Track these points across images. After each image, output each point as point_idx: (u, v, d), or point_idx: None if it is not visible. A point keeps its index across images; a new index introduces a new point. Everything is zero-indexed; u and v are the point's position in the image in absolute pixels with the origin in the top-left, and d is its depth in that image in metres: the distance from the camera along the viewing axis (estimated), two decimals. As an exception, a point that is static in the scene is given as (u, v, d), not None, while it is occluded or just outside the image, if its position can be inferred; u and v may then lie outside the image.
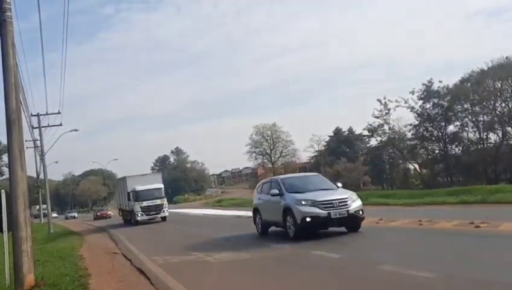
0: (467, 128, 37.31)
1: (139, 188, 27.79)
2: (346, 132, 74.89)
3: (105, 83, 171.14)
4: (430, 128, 37.86)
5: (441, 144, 37.73)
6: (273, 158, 67.95)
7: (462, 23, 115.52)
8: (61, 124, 34.71)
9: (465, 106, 36.58)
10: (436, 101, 36.85)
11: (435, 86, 37.01)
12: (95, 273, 9.91)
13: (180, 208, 51.69)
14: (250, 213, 16.97)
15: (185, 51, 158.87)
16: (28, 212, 8.83)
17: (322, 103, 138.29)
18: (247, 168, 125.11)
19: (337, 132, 75.34)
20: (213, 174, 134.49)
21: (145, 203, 27.28)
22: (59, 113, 34.24)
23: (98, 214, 53.31)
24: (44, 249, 17.25)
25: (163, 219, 28.41)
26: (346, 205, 11.05)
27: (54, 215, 73.93)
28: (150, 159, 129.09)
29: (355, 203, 11.27)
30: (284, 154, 66.70)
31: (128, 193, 28.10)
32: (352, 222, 11.30)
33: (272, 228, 13.39)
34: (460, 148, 37.54)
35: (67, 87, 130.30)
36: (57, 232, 29.98)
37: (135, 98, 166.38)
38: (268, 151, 68.19)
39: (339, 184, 13.16)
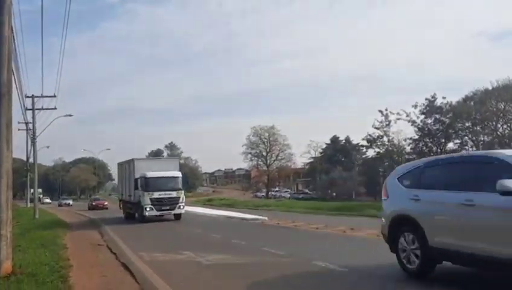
0: (466, 147, 36.94)
1: (150, 174, 22.32)
2: (343, 141, 74.77)
3: (104, 72, 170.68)
4: (430, 144, 37.50)
5: (439, 161, 37.25)
6: (268, 161, 67.28)
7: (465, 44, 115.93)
8: (55, 108, 33.94)
9: (467, 124, 36.25)
10: (438, 117, 36.50)
11: (438, 102, 36.71)
12: (77, 265, 9.29)
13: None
14: (242, 214, 16.44)
15: (187, 47, 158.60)
16: (11, 193, 8.24)
17: (321, 110, 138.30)
18: (240, 169, 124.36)
19: (334, 140, 75.08)
20: (205, 173, 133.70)
21: (156, 195, 22.06)
22: (54, 96, 33.37)
23: (93, 203, 46.26)
24: (27, 235, 16.61)
25: (177, 217, 23.03)
26: None
27: (47, 200, 72.52)
28: (143, 152, 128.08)
29: None
30: (279, 157, 66.10)
31: (136, 180, 22.95)
32: None
33: None
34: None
35: (66, 74, 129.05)
36: (43, 220, 26.58)
37: (133, 90, 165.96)
38: (264, 154, 67.53)
39: None
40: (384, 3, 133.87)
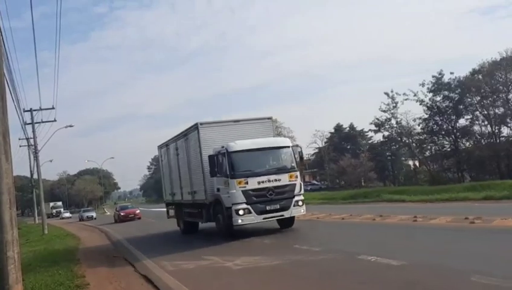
0: (477, 122, 36.00)
1: (239, 145, 12.71)
2: (347, 128, 73.78)
3: (99, 81, 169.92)
4: (440, 122, 36.47)
5: (451, 138, 36.35)
6: (273, 155, 65.80)
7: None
8: (55, 120, 33.20)
9: (476, 98, 35.22)
10: (446, 94, 35.43)
11: (446, 78, 35.61)
12: (94, 282, 8.46)
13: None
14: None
15: (179, 49, 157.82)
16: (15, 211, 7.38)
17: (321, 100, 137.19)
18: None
19: (338, 128, 74.10)
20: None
21: (254, 182, 12.32)
22: (53, 108, 32.74)
23: (122, 214, 34.51)
24: (38, 252, 15.86)
25: (290, 223, 13.73)
26: None
27: (67, 215, 65.67)
28: (147, 158, 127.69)
29: None
30: (285, 150, 64.40)
31: (214, 159, 12.73)
32: None
33: None
34: (472, 142, 36.16)
35: (62, 87, 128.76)
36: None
37: (130, 96, 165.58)
38: (270, 147, 65.90)
39: None
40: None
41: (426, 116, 36.66)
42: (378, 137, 63.39)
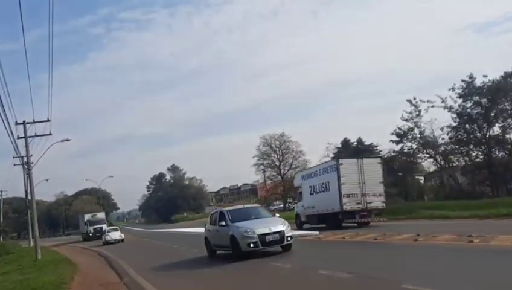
0: (510, 130, 32.98)
1: None
2: (355, 143, 71.75)
3: (97, 102, 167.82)
4: (471, 130, 33.39)
5: (483, 148, 33.30)
6: (282, 170, 62.92)
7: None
8: (50, 134, 30.15)
9: (507, 104, 32.29)
10: (477, 99, 32.48)
11: (478, 82, 32.60)
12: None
13: (186, 227, 46.63)
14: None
15: (177, 69, 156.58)
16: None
17: (324, 116, 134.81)
18: (246, 184, 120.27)
19: (345, 143, 71.84)
20: (211, 192, 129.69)
21: None
22: (48, 121, 29.85)
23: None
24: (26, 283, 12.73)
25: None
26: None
27: (116, 235, 37.53)
28: (146, 178, 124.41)
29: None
30: (294, 166, 61.48)
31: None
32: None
33: None
34: (505, 152, 33.05)
35: (60, 107, 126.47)
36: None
37: (129, 117, 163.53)
38: (277, 163, 63.18)
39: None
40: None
41: (455, 124, 33.59)
42: (386, 151, 61.42)
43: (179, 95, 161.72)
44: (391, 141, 37.33)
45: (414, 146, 36.83)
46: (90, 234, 47.25)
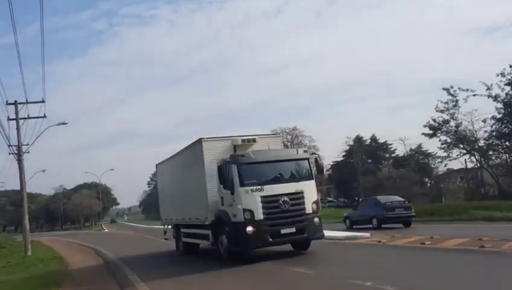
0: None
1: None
2: (368, 140, 68.70)
3: (98, 97, 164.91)
4: (517, 124, 29.70)
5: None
6: (295, 166, 59.02)
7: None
8: (45, 116, 26.92)
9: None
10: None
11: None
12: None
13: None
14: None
15: (179, 66, 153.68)
16: None
17: (326, 116, 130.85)
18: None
19: (358, 140, 68.64)
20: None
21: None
22: (43, 101, 26.69)
23: None
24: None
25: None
26: None
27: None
28: (146, 174, 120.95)
29: None
30: (308, 161, 57.53)
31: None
32: None
33: None
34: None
35: (60, 102, 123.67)
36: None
37: (129, 113, 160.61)
38: (290, 159, 59.25)
39: None
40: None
41: (499, 115, 29.85)
42: (400, 150, 58.66)
43: (180, 92, 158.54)
44: (423, 134, 33.75)
45: (448, 140, 33.24)
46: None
